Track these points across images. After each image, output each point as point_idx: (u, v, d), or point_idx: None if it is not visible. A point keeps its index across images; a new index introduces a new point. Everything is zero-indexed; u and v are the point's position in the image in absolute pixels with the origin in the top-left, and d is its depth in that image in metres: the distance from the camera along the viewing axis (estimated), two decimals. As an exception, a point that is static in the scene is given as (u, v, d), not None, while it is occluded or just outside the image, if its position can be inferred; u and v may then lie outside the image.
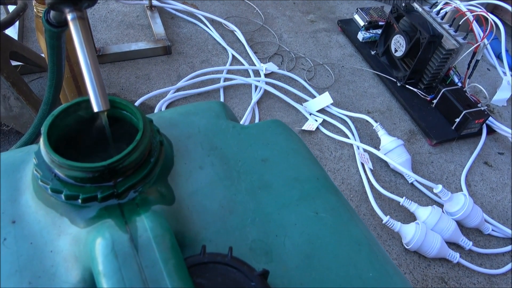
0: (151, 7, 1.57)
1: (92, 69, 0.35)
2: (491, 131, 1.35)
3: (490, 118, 1.33)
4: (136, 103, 1.22)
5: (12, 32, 1.39)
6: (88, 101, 0.37)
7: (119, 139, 0.40)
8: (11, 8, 1.40)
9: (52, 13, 0.43)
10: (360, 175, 1.16)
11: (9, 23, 0.94)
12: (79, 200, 0.34)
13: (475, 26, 1.36)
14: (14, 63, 1.16)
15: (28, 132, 0.86)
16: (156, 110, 1.22)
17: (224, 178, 0.41)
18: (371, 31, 1.60)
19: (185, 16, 1.60)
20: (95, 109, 0.35)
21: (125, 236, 0.28)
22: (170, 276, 0.26)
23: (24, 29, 1.46)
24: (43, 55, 1.22)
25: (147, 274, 0.26)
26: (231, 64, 1.44)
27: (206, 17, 1.60)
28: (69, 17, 0.35)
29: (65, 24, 0.46)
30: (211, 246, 0.35)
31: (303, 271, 0.35)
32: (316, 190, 0.42)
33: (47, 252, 0.33)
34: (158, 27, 1.50)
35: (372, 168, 1.16)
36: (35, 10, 0.89)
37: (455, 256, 0.99)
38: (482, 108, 1.28)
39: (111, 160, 0.33)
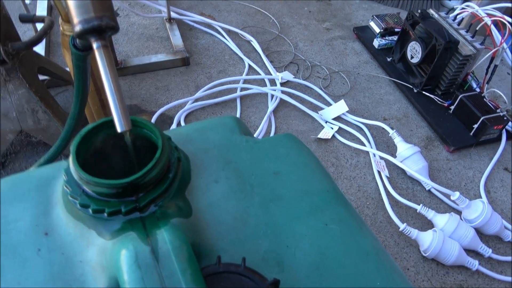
0: (170, 19, 1.62)
1: (115, 93, 0.38)
2: (510, 136, 1.33)
3: (510, 123, 1.31)
4: (156, 114, 1.26)
5: (39, 47, 1.46)
6: (111, 121, 0.40)
7: (140, 153, 0.43)
8: (39, 26, 1.47)
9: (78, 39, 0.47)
10: (376, 183, 1.16)
11: (37, 41, 1.00)
12: (105, 214, 0.37)
13: (493, 31, 1.35)
14: (41, 77, 1.22)
15: (55, 145, 0.91)
16: (175, 120, 1.26)
17: (238, 191, 0.44)
18: (387, 38, 1.61)
19: (202, 28, 1.65)
20: (119, 130, 0.38)
21: (147, 248, 0.31)
22: (187, 285, 0.29)
23: (50, 44, 1.53)
24: (68, 69, 1.29)
25: (167, 283, 0.29)
26: (247, 74, 1.47)
27: (223, 28, 1.64)
28: (94, 45, 0.38)
29: (90, 48, 0.49)
30: (226, 256, 0.38)
31: (313, 281, 0.37)
32: (326, 203, 0.44)
33: (77, 262, 0.37)
34: (176, 39, 1.55)
35: (388, 175, 1.16)
36: (61, 28, 0.94)
37: (474, 264, 0.98)
38: (501, 114, 1.27)
39: (133, 177, 0.36)
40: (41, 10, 1.61)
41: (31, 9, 1.55)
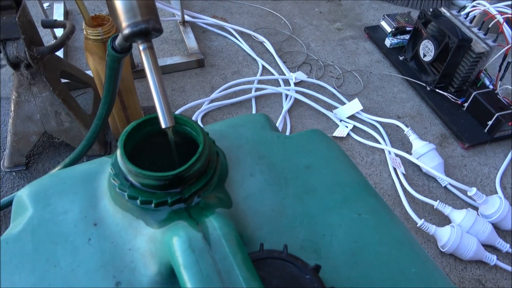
0: (184, 22, 1.64)
1: (160, 91, 0.40)
2: (525, 133, 1.34)
3: (524, 120, 1.32)
4: (174, 115, 1.28)
5: (59, 51, 1.49)
6: (154, 119, 0.43)
7: (180, 149, 0.45)
8: (56, 30, 1.51)
9: (117, 41, 0.49)
10: (392, 180, 1.18)
11: (61, 45, 1.03)
12: (152, 205, 0.39)
13: (506, 28, 1.36)
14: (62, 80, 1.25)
15: (81, 144, 0.94)
16: (192, 121, 1.28)
17: (273, 184, 0.46)
18: (398, 37, 1.62)
19: (216, 30, 1.67)
20: (163, 126, 0.40)
21: (198, 234, 0.33)
22: (239, 268, 0.31)
23: (67, 48, 1.57)
24: (88, 72, 1.32)
25: (220, 266, 0.31)
26: (261, 74, 1.50)
27: (235, 30, 1.66)
28: (140, 47, 0.40)
29: (127, 50, 0.52)
30: (266, 245, 0.40)
31: (350, 267, 0.39)
32: (357, 194, 0.46)
33: (126, 250, 0.39)
34: (191, 41, 1.57)
35: (404, 172, 1.17)
36: (84, 32, 0.97)
37: (492, 259, 0.99)
38: (516, 110, 1.28)
39: (179, 170, 0.38)
40: (58, 15, 1.65)
41: (48, 14, 1.59)
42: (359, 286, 0.37)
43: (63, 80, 1.26)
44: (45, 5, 1.69)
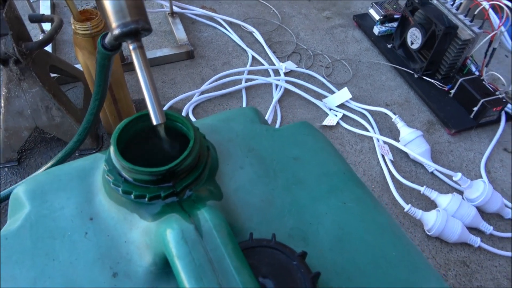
0: (173, 13, 1.64)
1: (151, 90, 0.41)
2: (510, 117, 1.37)
3: (509, 105, 1.35)
4: (165, 107, 1.29)
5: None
6: (146, 115, 0.44)
7: (172, 143, 0.46)
8: (44, 24, 1.50)
9: (107, 39, 0.50)
10: (381, 167, 1.21)
11: (49, 40, 1.03)
12: (146, 199, 0.40)
13: (491, 15, 1.38)
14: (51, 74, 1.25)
15: (73, 139, 0.94)
16: (183, 113, 1.29)
17: (262, 176, 0.48)
18: (386, 24, 1.63)
19: (205, 21, 1.67)
20: (154, 122, 0.41)
21: (191, 226, 0.35)
22: (230, 257, 0.33)
23: (56, 42, 1.56)
24: (77, 66, 1.31)
25: (212, 256, 0.33)
26: (251, 65, 1.50)
27: (225, 20, 1.66)
28: (130, 47, 0.41)
29: (117, 48, 0.52)
30: (256, 234, 0.42)
31: (336, 253, 0.41)
32: (343, 183, 0.48)
33: (122, 243, 0.41)
34: (180, 32, 1.57)
35: (392, 159, 1.20)
36: (73, 27, 0.97)
37: (476, 241, 1.03)
38: (500, 96, 1.31)
39: (171, 165, 0.40)
40: (45, 8, 1.63)
41: (35, 7, 1.57)
42: (344, 270, 0.40)
43: (52, 75, 1.26)
44: (31, -2, 1.67)
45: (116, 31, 0.40)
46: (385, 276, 0.40)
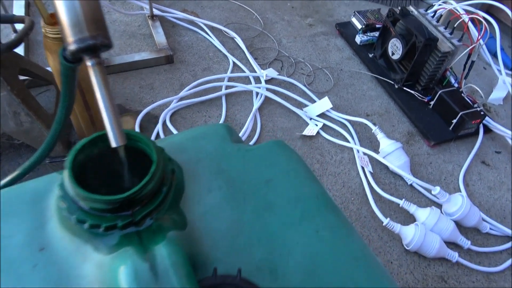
0: (153, 16, 1.60)
1: (110, 109, 0.38)
2: (488, 130, 1.38)
3: (487, 118, 1.36)
4: (141, 114, 1.25)
5: (19, 47, 1.42)
6: (104, 135, 0.41)
7: (134, 165, 0.43)
8: (17, 24, 1.43)
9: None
10: (360, 178, 1.19)
11: (18, 42, 0.98)
12: (101, 229, 0.37)
13: (470, 28, 1.39)
14: (22, 77, 1.19)
15: (40, 149, 0.90)
16: (160, 120, 1.25)
17: (231, 200, 0.45)
18: (368, 34, 1.63)
19: (185, 24, 1.64)
20: (113, 145, 0.38)
21: (145, 265, 0.32)
22: (187, 301, 0.30)
23: (29, 43, 1.50)
24: (49, 68, 1.26)
25: (167, 300, 0.30)
26: (232, 71, 1.48)
27: (206, 25, 1.63)
28: (88, 63, 0.38)
29: (80, 60, 0.49)
30: (221, 266, 0.39)
31: (306, 287, 0.39)
32: (316, 209, 0.46)
33: (73, 277, 0.37)
34: (160, 36, 1.53)
35: (372, 171, 1.19)
36: (43, 30, 0.92)
37: (454, 256, 1.02)
38: (478, 109, 1.31)
39: (129, 193, 0.37)
40: (18, 7, 1.57)
41: (8, 5, 1.51)
42: (313, 307, 0.37)
43: (23, 78, 1.21)
44: (4, -5, 1.60)
45: (72, 47, 0.37)
46: (357, 312, 0.38)
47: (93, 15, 0.38)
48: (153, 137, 1.22)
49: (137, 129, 1.21)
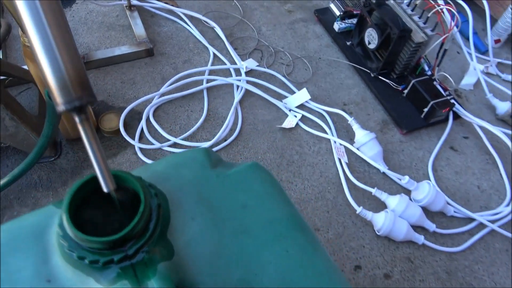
0: (130, 6, 1.59)
1: (99, 159, 0.43)
2: (457, 117, 1.46)
3: (456, 105, 1.44)
4: (124, 112, 1.28)
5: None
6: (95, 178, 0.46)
7: (126, 202, 0.49)
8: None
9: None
10: (336, 168, 1.27)
11: (-3, 49, 0.99)
12: (100, 264, 0.43)
13: (445, 17, 1.43)
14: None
15: (28, 158, 0.94)
16: (144, 116, 1.29)
17: (211, 225, 0.51)
18: (346, 21, 1.66)
19: (164, 14, 1.63)
20: (105, 190, 0.43)
21: (140, 300, 0.38)
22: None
23: (5, 43, 1.48)
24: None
25: (160, 330, 0.37)
26: (212, 63, 1.50)
27: (185, 14, 1.63)
28: (76, 119, 0.42)
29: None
30: (205, 288, 0.46)
31: (277, 303, 0.46)
32: (287, 230, 0.52)
33: (79, 306, 0.43)
34: (138, 28, 1.53)
35: (347, 161, 1.27)
36: (22, 40, 0.94)
37: (420, 239, 1.12)
38: (449, 97, 1.39)
39: (122, 233, 0.42)
40: (-8, -1, 1.54)
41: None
42: (283, 321, 0.45)
43: (2, 77, 1.22)
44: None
45: (61, 108, 0.41)
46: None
47: (78, 77, 0.42)
48: (137, 134, 1.26)
49: (121, 126, 1.24)
